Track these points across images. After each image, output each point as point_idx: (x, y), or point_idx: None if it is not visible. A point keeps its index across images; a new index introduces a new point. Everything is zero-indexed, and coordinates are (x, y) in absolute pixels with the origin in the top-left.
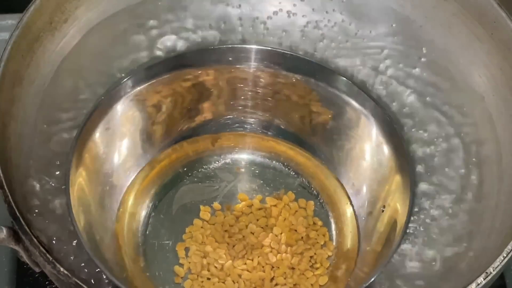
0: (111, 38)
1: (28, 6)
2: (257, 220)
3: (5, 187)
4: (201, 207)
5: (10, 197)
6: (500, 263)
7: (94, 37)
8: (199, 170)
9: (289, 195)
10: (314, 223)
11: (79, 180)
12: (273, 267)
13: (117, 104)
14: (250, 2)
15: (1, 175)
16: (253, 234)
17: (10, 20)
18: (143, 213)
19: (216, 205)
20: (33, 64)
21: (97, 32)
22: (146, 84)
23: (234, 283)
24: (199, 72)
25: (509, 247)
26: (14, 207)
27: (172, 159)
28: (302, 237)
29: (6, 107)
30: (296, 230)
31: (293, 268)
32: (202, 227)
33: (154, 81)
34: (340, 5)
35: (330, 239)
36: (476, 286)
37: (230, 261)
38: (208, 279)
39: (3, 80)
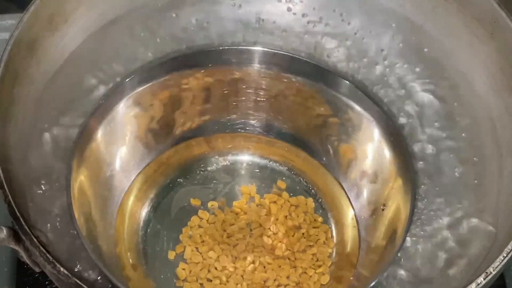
0: (112, 39)
1: (28, 6)
2: (256, 217)
3: (5, 187)
4: (192, 200)
5: (10, 197)
6: (500, 263)
7: (94, 37)
8: (199, 171)
9: (279, 183)
10: (315, 220)
11: (80, 182)
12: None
13: (117, 106)
14: (251, 2)
15: (1, 175)
16: (252, 231)
17: (10, 20)
18: (142, 215)
19: (212, 203)
20: (33, 64)
21: (97, 32)
22: (147, 85)
23: (236, 285)
24: (200, 73)
25: (509, 247)
26: (14, 207)
27: (171, 160)
28: (303, 234)
29: (6, 107)
30: (296, 226)
31: (295, 267)
32: (201, 227)
33: (154, 82)
34: (340, 5)
35: (331, 236)
36: (476, 286)
37: (232, 263)
38: (210, 280)
39: (3, 80)
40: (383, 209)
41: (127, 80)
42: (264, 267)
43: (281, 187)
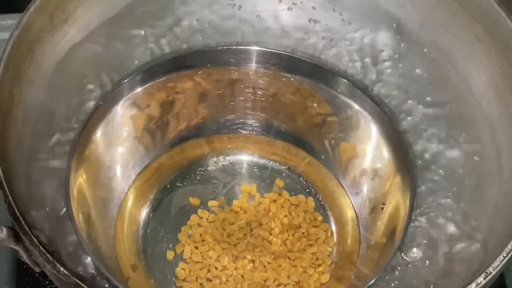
0: (111, 38)
1: (28, 6)
2: (256, 216)
3: (5, 187)
4: (191, 199)
5: (10, 197)
6: (500, 263)
7: (94, 37)
8: (198, 172)
9: (278, 181)
10: (315, 219)
11: (79, 182)
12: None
13: (116, 106)
14: (250, 2)
15: (1, 175)
16: (252, 230)
17: (10, 20)
18: (142, 216)
19: (213, 202)
20: (33, 64)
21: (97, 32)
22: (145, 86)
23: (236, 284)
24: (199, 73)
25: (509, 247)
26: (14, 207)
27: (171, 161)
28: (303, 233)
29: (6, 107)
30: (296, 225)
31: (295, 266)
32: (201, 226)
33: (153, 82)
34: (340, 5)
35: (331, 235)
36: (476, 286)
37: (232, 262)
38: (209, 280)
39: (3, 80)
40: (382, 208)
41: (125, 80)
42: (264, 266)
43: (280, 186)
